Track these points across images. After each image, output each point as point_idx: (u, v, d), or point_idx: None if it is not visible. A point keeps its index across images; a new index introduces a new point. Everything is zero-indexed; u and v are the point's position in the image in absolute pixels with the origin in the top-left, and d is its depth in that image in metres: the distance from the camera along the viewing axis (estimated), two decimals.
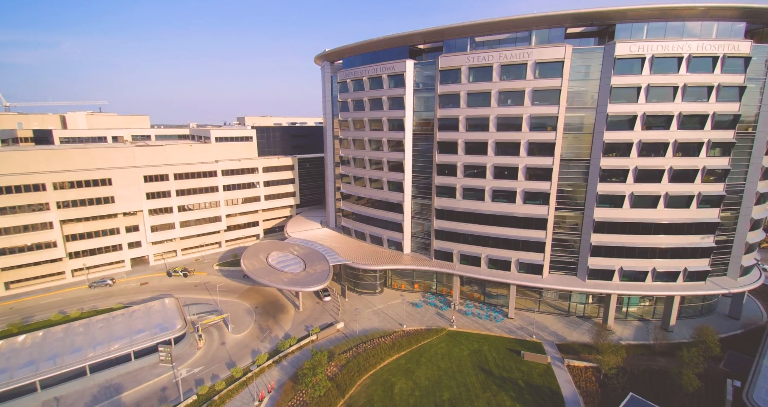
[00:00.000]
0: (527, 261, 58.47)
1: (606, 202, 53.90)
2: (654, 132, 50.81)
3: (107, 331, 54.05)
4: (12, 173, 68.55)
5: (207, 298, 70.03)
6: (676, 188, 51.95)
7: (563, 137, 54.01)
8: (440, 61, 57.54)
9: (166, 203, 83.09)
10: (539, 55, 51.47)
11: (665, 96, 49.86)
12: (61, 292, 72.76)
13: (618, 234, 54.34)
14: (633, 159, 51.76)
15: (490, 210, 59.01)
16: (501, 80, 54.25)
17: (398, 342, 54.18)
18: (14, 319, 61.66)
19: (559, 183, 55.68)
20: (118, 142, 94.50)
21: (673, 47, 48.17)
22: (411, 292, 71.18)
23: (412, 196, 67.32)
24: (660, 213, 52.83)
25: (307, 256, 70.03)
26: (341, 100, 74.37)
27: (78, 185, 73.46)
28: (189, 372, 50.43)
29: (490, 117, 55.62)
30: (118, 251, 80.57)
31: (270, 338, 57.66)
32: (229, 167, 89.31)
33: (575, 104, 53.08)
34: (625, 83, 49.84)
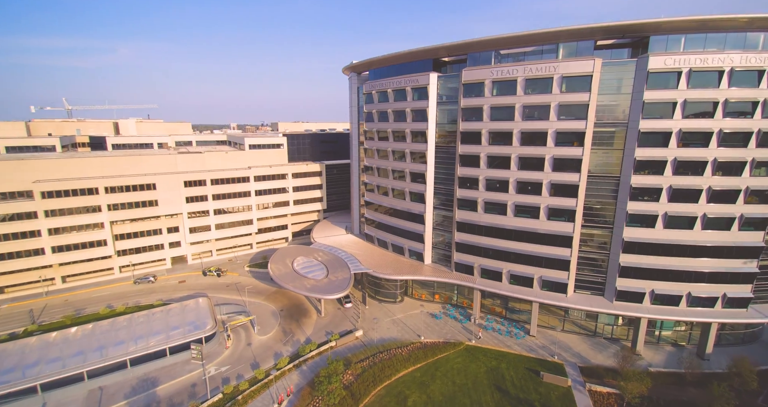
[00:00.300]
0: (550, 279, 57.06)
1: (637, 222, 51.50)
2: (691, 149, 47.93)
3: (147, 327, 58.85)
4: (71, 178, 76.04)
5: (237, 299, 74.11)
6: (716, 209, 48.70)
7: (591, 152, 52.24)
8: (464, 74, 57.44)
9: (203, 206, 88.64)
10: (566, 68, 50.13)
11: (704, 111, 46.90)
12: (109, 287, 79.72)
13: (649, 256, 51.76)
14: (667, 177, 49.10)
15: (513, 225, 58.12)
16: (525, 94, 53.34)
17: (415, 354, 54.82)
18: (68, 311, 68.48)
19: (586, 199, 53.86)
20: (163, 149, 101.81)
21: (713, 60, 45.27)
22: (431, 303, 71.47)
23: (434, 207, 67.59)
24: (697, 234, 49.75)
25: (330, 263, 72.23)
26: (366, 111, 75.96)
27: (126, 189, 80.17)
28: (217, 370, 53.99)
29: (514, 131, 54.84)
30: (160, 250, 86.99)
31: (292, 341, 60.25)
32: (261, 173, 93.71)
33: (605, 119, 51.15)
34: (659, 98, 47.43)
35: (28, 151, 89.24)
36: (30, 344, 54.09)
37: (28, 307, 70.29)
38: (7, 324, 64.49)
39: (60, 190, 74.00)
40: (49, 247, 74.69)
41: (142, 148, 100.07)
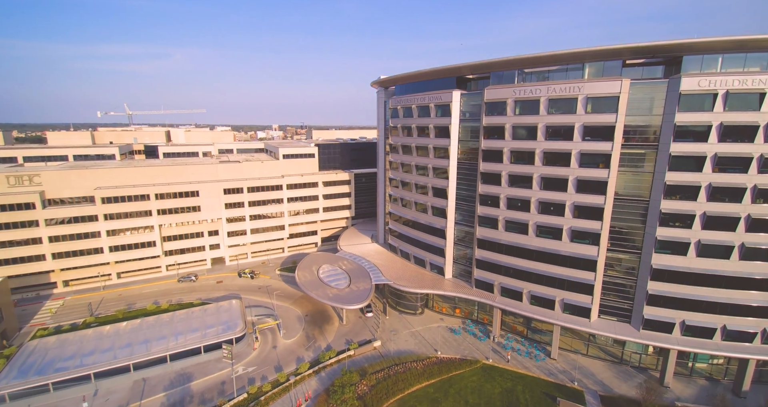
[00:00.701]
0: (573, 303, 55.76)
1: (667, 248, 49.16)
2: (728, 175, 45.08)
3: (186, 324, 64.61)
4: (126, 185, 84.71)
5: (266, 301, 78.89)
6: (756, 239, 45.42)
7: (618, 174, 50.57)
8: (486, 93, 57.63)
9: (240, 212, 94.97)
10: (591, 89, 48.99)
11: (743, 135, 43.99)
12: (157, 284, 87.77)
13: (680, 285, 49.20)
14: (701, 203, 46.50)
15: (534, 245, 57.43)
16: (549, 114, 52.65)
17: (429, 369, 55.85)
18: (121, 305, 76.47)
19: (612, 223, 52.17)
20: (207, 157, 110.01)
21: (753, 82, 42.36)
22: (451, 316, 71.97)
23: (455, 223, 68.09)
24: (734, 265, 46.66)
25: (354, 272, 74.87)
26: (392, 125, 77.87)
27: (173, 196, 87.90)
28: (244, 370, 58.28)
29: (536, 151, 54.26)
30: (201, 251, 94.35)
31: (314, 347, 63.47)
32: (293, 182, 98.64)
33: (634, 140, 49.33)
34: (692, 121, 45.11)
35: (92, 159, 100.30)
36: (87, 335, 61.45)
37: (88, 300, 79.29)
38: (70, 314, 73.33)
39: (117, 196, 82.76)
40: (107, 247, 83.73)
41: (189, 157, 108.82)
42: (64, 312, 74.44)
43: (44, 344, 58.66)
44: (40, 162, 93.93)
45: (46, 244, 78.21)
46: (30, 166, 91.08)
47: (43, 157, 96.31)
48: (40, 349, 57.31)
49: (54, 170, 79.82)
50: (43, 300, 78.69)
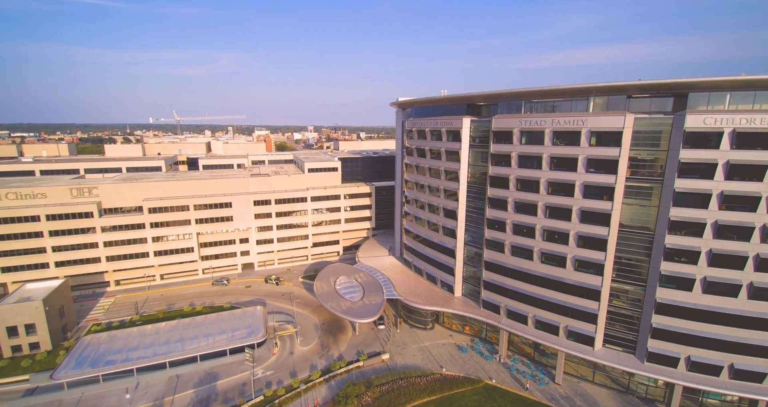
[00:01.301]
0: (577, 330, 56.43)
1: (671, 283, 48.91)
2: (735, 213, 44.34)
3: (216, 327, 71.83)
4: (169, 197, 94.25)
5: (288, 308, 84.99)
6: (765, 279, 44.31)
7: (623, 206, 50.86)
8: (494, 121, 59.49)
9: (268, 222, 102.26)
10: (595, 123, 49.72)
11: (751, 174, 43.15)
12: (193, 286, 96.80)
13: (685, 320, 48.76)
14: (707, 240, 45.98)
15: (539, 271, 58.62)
16: (553, 145, 53.78)
17: (432, 385, 58.76)
18: (162, 305, 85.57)
19: (617, 254, 52.45)
20: (241, 168, 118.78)
21: (762, 121, 41.54)
22: (461, 334, 74.16)
23: (465, 243, 70.24)
24: (741, 303, 45.73)
25: (368, 285, 79.02)
26: (407, 146, 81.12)
27: (209, 207, 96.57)
28: (263, 373, 64.17)
29: (541, 180, 55.50)
30: (233, 257, 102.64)
31: (327, 356, 68.30)
32: (317, 194, 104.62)
33: (639, 173, 49.51)
34: (697, 158, 44.82)
35: (142, 171, 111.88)
36: (132, 333, 70.16)
37: (135, 298, 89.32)
38: (119, 311, 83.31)
39: (161, 206, 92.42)
40: (152, 251, 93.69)
41: (225, 169, 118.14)
42: (114, 309, 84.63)
43: (97, 339, 67.88)
44: (98, 174, 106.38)
45: (101, 248, 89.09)
46: (90, 177, 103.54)
47: (101, 169, 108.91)
48: (94, 343, 66.46)
49: (109, 183, 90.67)
50: (98, 297, 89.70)
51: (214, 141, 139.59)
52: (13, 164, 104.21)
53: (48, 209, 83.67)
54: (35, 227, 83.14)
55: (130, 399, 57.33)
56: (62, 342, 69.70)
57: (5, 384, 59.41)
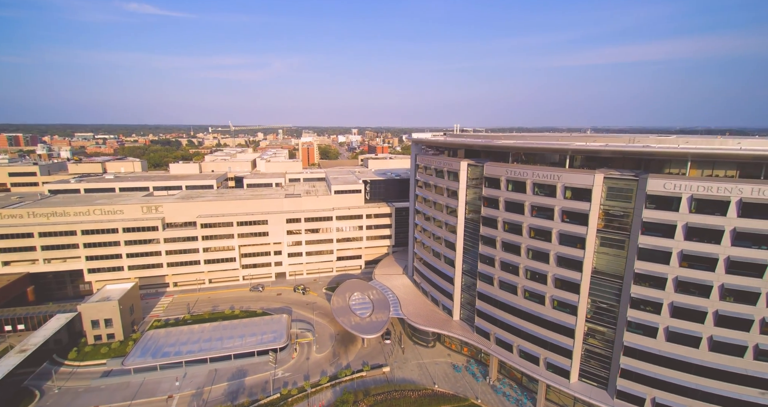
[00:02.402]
0: (554, 363, 61.51)
1: (638, 329, 52.80)
2: (695, 271, 47.60)
3: (248, 330, 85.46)
4: (217, 214, 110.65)
5: (309, 317, 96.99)
6: (725, 333, 47.11)
7: (598, 254, 55.38)
8: (485, 168, 65.98)
9: (298, 238, 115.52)
10: (568, 179, 54.80)
11: (709, 236, 46.30)
12: (234, 291, 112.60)
13: (651, 364, 52.45)
14: (668, 293, 49.55)
15: (522, 306, 64.31)
16: (534, 194, 59.38)
17: (422, 399, 66.91)
18: (208, 307, 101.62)
19: (590, 296, 56.99)
20: (279, 187, 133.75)
21: (719, 189, 44.74)
22: (458, 354, 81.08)
23: (463, 272, 77.04)
24: (703, 354, 48.78)
25: (378, 303, 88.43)
26: (417, 179, 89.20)
27: (249, 223, 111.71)
28: (282, 374, 76.20)
29: (523, 224, 61.26)
30: (268, 267, 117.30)
31: (336, 364, 78.86)
32: (341, 214, 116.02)
33: (610, 226, 53.87)
34: (658, 218, 48.62)
35: (198, 188, 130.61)
36: (183, 330, 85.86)
37: (188, 299, 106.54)
38: (175, 310, 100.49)
39: (211, 222, 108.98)
40: (203, 260, 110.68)
41: (265, 187, 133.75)
42: (171, 307, 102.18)
43: (157, 334, 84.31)
44: (164, 191, 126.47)
45: (163, 256, 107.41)
46: (157, 193, 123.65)
47: (166, 187, 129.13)
48: (155, 337, 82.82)
49: (170, 202, 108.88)
50: (159, 296, 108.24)
51: (258, 159, 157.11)
52: (99, 182, 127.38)
53: (124, 223, 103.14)
54: (114, 237, 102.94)
55: (179, 386, 71.96)
56: (131, 334, 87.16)
57: (89, 366, 77.08)
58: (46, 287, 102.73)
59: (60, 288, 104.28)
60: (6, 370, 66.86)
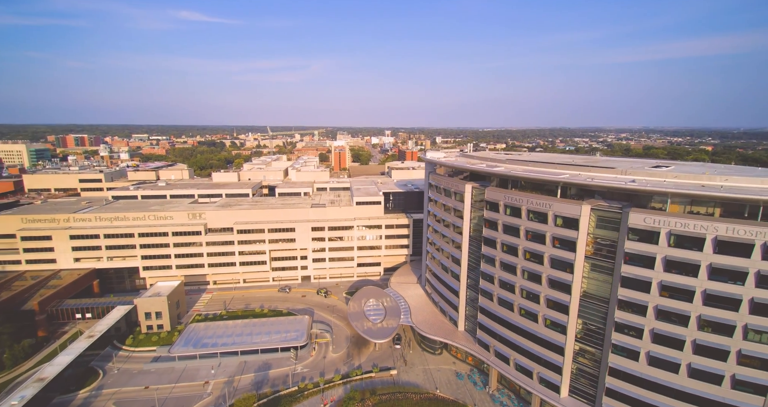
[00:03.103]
0: (546, 378, 65.66)
1: (622, 352, 56.10)
2: (673, 301, 50.45)
3: (274, 327, 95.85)
4: (251, 221, 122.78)
5: (329, 319, 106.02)
6: (703, 361, 49.61)
7: (588, 278, 59.11)
8: (486, 192, 71.02)
9: (322, 245, 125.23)
10: (559, 209, 58.88)
11: (687, 269, 49.07)
12: (264, 290, 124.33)
13: (634, 386, 55.59)
14: (649, 320, 52.61)
15: (518, 322, 68.82)
16: (528, 220, 63.82)
17: (422, 402, 73.29)
18: (241, 305, 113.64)
19: (580, 317, 60.73)
20: (307, 196, 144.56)
21: (695, 226, 47.49)
22: (463, 362, 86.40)
23: (467, 286, 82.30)
24: (682, 380, 51.45)
25: (390, 310, 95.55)
26: (429, 196, 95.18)
27: (278, 230, 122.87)
28: (301, 370, 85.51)
29: (519, 247, 65.82)
30: (295, 270, 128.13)
31: (349, 364, 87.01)
32: (362, 224, 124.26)
33: (599, 253, 57.43)
34: (639, 250, 51.86)
35: (236, 196, 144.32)
36: (219, 325, 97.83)
37: (224, 297, 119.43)
38: (213, 306, 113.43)
39: (246, 228, 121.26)
40: (238, 262, 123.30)
41: (294, 196, 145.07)
42: (211, 303, 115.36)
43: (197, 327, 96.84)
44: (207, 198, 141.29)
45: (205, 257, 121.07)
46: (201, 200, 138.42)
47: (209, 194, 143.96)
48: (196, 330, 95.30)
49: (211, 210, 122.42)
50: (201, 293, 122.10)
51: (290, 168, 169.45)
52: (153, 189, 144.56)
53: (173, 227, 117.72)
54: (165, 240, 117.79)
55: (214, 374, 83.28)
56: (177, 326, 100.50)
57: (142, 352, 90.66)
58: (109, 281, 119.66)
59: (119, 282, 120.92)
60: (78, 352, 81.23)
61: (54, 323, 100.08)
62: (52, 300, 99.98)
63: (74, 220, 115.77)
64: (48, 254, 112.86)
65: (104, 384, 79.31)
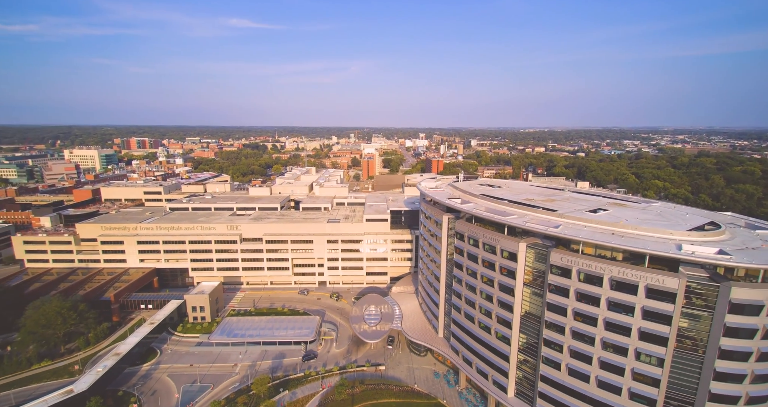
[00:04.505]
0: (498, 381, 79.73)
1: (549, 363, 69.20)
2: (583, 325, 63.13)
3: (290, 324, 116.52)
4: (277, 233, 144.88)
5: (337, 320, 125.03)
6: (607, 375, 61.89)
7: (526, 301, 72.59)
8: (456, 225, 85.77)
9: (336, 255, 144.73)
10: (503, 244, 72.56)
11: (592, 301, 61.69)
12: (287, 292, 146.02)
13: (560, 392, 68.57)
14: (567, 338, 65.49)
15: (477, 333, 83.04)
16: (484, 250, 78.00)
17: (400, 393, 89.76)
18: (267, 304, 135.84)
19: (522, 332, 74.18)
20: (326, 211, 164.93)
21: (595, 267, 60.00)
22: (442, 364, 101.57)
23: (445, 300, 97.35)
24: (592, 389, 63.91)
25: (386, 316, 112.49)
26: (420, 220, 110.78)
27: (299, 242, 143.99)
28: (308, 360, 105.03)
29: (478, 272, 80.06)
30: (312, 276, 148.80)
31: (348, 358, 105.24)
32: (371, 238, 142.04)
33: (534, 282, 70.80)
34: (558, 282, 64.89)
35: (266, 210, 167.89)
36: (248, 320, 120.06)
37: (254, 296, 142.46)
38: (245, 304, 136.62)
39: (273, 239, 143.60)
40: (266, 267, 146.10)
41: (315, 211, 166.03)
42: (243, 301, 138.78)
43: (231, 320, 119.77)
44: (244, 211, 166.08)
45: (240, 262, 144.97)
46: (239, 212, 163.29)
47: (245, 207, 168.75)
48: (230, 322, 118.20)
49: (245, 223, 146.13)
50: (236, 292, 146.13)
51: (315, 184, 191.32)
52: (201, 202, 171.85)
53: (215, 237, 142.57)
54: (208, 246, 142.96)
55: (241, 358, 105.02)
56: (216, 318, 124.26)
57: (189, 338, 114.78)
58: (165, 278, 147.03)
59: (173, 280, 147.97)
60: (142, 335, 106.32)
61: (124, 311, 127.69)
62: (124, 293, 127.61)
63: (140, 229, 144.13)
64: (120, 255, 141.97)
65: (161, 361, 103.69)
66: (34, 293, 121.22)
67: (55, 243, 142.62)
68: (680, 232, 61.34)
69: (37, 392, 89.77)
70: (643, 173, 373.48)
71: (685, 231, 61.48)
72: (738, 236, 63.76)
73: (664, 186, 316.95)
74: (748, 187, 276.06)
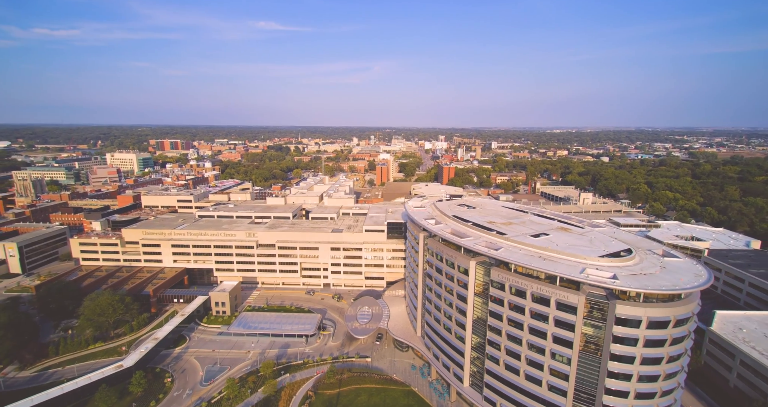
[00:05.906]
0: (457, 373, 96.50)
1: (492, 360, 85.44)
2: (514, 329, 79.09)
3: (295, 319, 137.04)
4: (287, 240, 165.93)
5: (336, 318, 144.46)
6: (531, 370, 77.78)
7: (477, 308, 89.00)
8: (428, 242, 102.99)
9: (338, 260, 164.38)
10: (459, 261, 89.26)
11: (520, 310, 77.59)
12: (295, 292, 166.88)
13: (498, 382, 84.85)
14: (504, 339, 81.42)
15: (442, 333, 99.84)
16: (446, 265, 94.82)
17: (380, 380, 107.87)
18: (277, 301, 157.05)
19: (474, 333, 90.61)
20: (333, 220, 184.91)
21: (521, 284, 75.96)
22: (420, 359, 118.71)
23: (422, 304, 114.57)
24: (522, 381, 79.89)
25: (375, 316, 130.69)
26: (406, 235, 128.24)
27: (306, 248, 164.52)
28: (308, 351, 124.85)
29: (442, 282, 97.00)
30: (318, 278, 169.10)
31: (341, 350, 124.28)
32: (368, 247, 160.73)
33: (482, 293, 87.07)
34: (496, 294, 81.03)
35: (281, 218, 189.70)
36: (261, 315, 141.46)
37: (267, 294, 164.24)
38: (259, 301, 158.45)
39: (284, 245, 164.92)
40: (278, 269, 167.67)
41: (323, 220, 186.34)
42: (258, 299, 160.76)
43: (247, 315, 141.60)
44: (261, 219, 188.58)
45: (256, 265, 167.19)
46: (257, 220, 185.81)
47: (262, 216, 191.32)
48: (246, 316, 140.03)
49: (261, 231, 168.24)
50: (252, 290, 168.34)
51: (325, 195, 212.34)
52: (225, 211, 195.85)
53: (236, 242, 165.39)
54: (230, 251, 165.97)
55: (253, 347, 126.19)
56: (234, 313, 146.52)
57: (212, 328, 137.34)
58: (193, 277, 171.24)
59: (200, 278, 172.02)
60: (175, 324, 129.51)
61: (160, 303, 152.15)
62: (160, 289, 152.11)
63: (174, 234, 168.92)
64: (157, 256, 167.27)
65: (189, 346, 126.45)
66: (88, 287, 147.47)
67: (104, 245, 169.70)
68: (592, 258, 76.24)
69: (93, 366, 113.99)
70: (657, 183, 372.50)
71: (596, 257, 76.33)
72: (645, 262, 77.86)
73: (675, 197, 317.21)
74: (759, 200, 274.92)
